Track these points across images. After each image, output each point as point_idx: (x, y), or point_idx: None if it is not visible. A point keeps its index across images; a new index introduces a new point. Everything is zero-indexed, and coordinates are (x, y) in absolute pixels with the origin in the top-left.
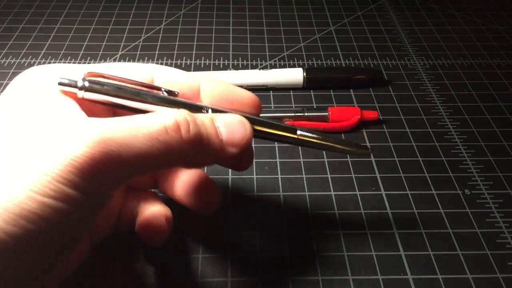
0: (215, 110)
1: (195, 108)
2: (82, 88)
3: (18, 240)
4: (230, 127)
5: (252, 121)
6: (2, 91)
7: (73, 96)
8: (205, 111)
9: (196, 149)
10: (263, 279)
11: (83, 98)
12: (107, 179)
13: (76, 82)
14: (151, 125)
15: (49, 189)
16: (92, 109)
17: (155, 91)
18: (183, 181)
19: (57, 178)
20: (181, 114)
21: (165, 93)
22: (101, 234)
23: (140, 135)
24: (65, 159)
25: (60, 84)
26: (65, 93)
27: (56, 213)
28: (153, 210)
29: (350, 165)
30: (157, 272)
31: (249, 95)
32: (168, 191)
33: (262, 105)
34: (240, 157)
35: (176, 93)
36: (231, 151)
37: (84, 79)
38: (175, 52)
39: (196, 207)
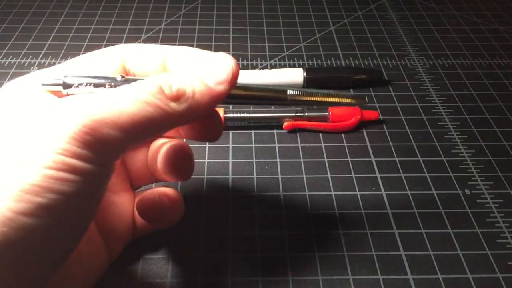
0: None
1: None
2: (64, 85)
3: (35, 216)
4: (213, 66)
5: (243, 88)
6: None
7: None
8: None
9: (184, 104)
10: (263, 279)
11: (67, 94)
12: (108, 146)
13: (59, 80)
14: (137, 92)
15: (59, 164)
16: None
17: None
18: (163, 151)
19: (64, 153)
20: (161, 77)
21: (120, 77)
22: (121, 240)
23: (129, 100)
24: (68, 134)
25: (44, 84)
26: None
27: (67, 186)
28: (151, 190)
29: (350, 165)
30: (157, 272)
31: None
32: (155, 172)
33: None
34: (207, 124)
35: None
36: (219, 89)
37: (64, 77)
38: None
39: (173, 174)
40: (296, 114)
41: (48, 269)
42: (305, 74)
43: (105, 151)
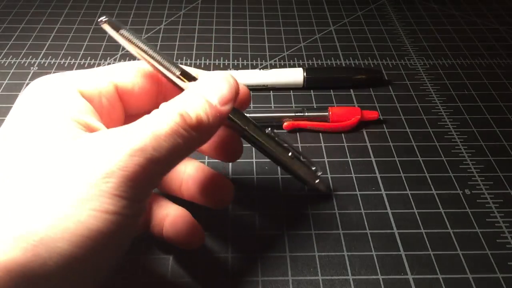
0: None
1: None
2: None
3: (83, 261)
4: (218, 89)
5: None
6: (1, 91)
7: (91, 100)
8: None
9: (203, 129)
10: (263, 279)
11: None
12: (149, 183)
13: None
14: (163, 125)
15: (108, 204)
16: (111, 115)
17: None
18: (193, 178)
19: (114, 192)
20: (177, 105)
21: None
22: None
23: (163, 134)
24: (116, 171)
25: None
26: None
27: (115, 227)
28: (176, 212)
29: (350, 165)
30: (157, 272)
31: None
32: (174, 190)
33: (262, 105)
34: (231, 146)
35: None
36: (226, 109)
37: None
38: (175, 52)
39: (210, 203)
40: (296, 114)
41: None
42: (305, 74)
43: (147, 187)
